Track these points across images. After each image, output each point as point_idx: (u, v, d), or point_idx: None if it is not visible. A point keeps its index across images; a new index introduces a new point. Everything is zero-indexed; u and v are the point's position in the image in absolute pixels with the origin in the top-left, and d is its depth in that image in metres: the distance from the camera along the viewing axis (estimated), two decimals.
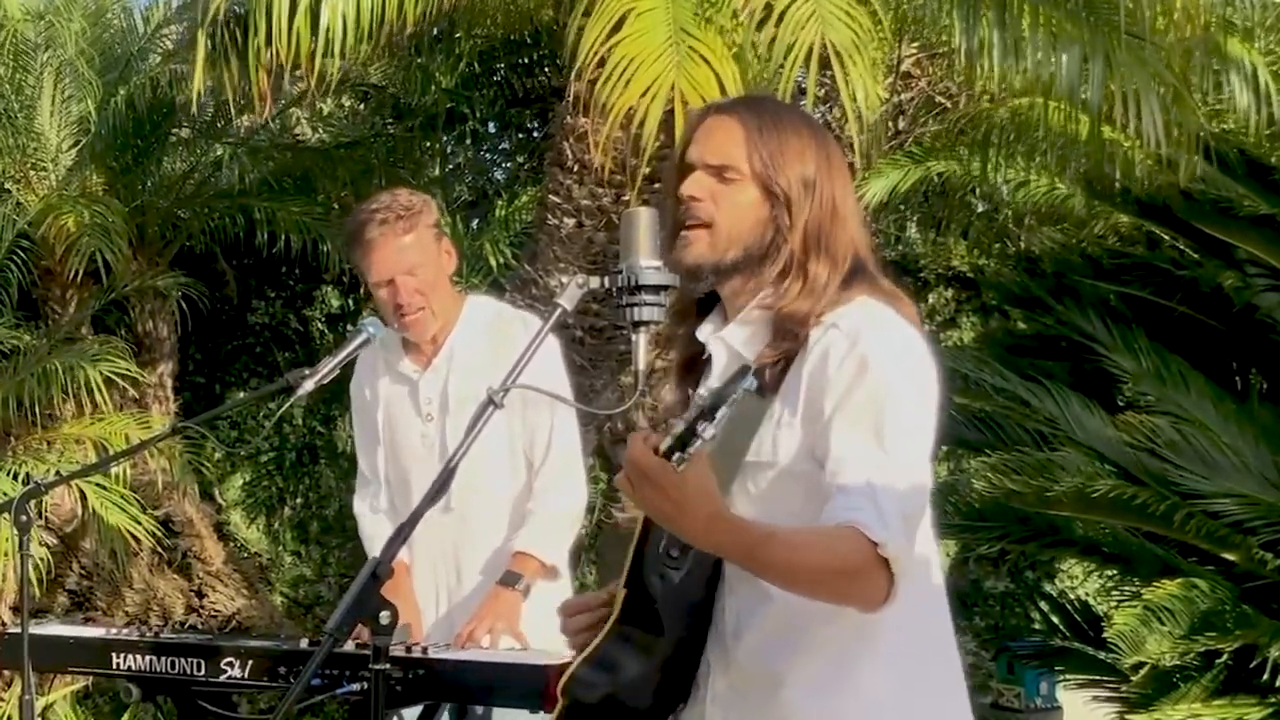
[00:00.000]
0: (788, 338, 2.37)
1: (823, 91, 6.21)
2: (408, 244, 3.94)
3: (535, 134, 10.31)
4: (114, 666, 3.67)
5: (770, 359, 2.37)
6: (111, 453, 7.46)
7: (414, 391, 4.10)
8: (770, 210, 2.41)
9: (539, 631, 3.72)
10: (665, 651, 2.40)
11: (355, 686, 3.27)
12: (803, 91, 5.43)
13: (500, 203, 9.95)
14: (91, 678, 6.75)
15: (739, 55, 5.46)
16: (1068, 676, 7.40)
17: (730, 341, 2.47)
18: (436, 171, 10.32)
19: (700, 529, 2.16)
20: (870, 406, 2.27)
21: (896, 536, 2.18)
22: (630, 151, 5.57)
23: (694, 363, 2.57)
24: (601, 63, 5.42)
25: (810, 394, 2.32)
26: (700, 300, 2.54)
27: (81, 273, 8.03)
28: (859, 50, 5.12)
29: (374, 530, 4.22)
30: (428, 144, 10.04)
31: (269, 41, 5.88)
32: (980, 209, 9.13)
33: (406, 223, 3.94)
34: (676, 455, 2.09)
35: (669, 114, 5.31)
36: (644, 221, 2.44)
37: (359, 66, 9.20)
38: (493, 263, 9.13)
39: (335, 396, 8.99)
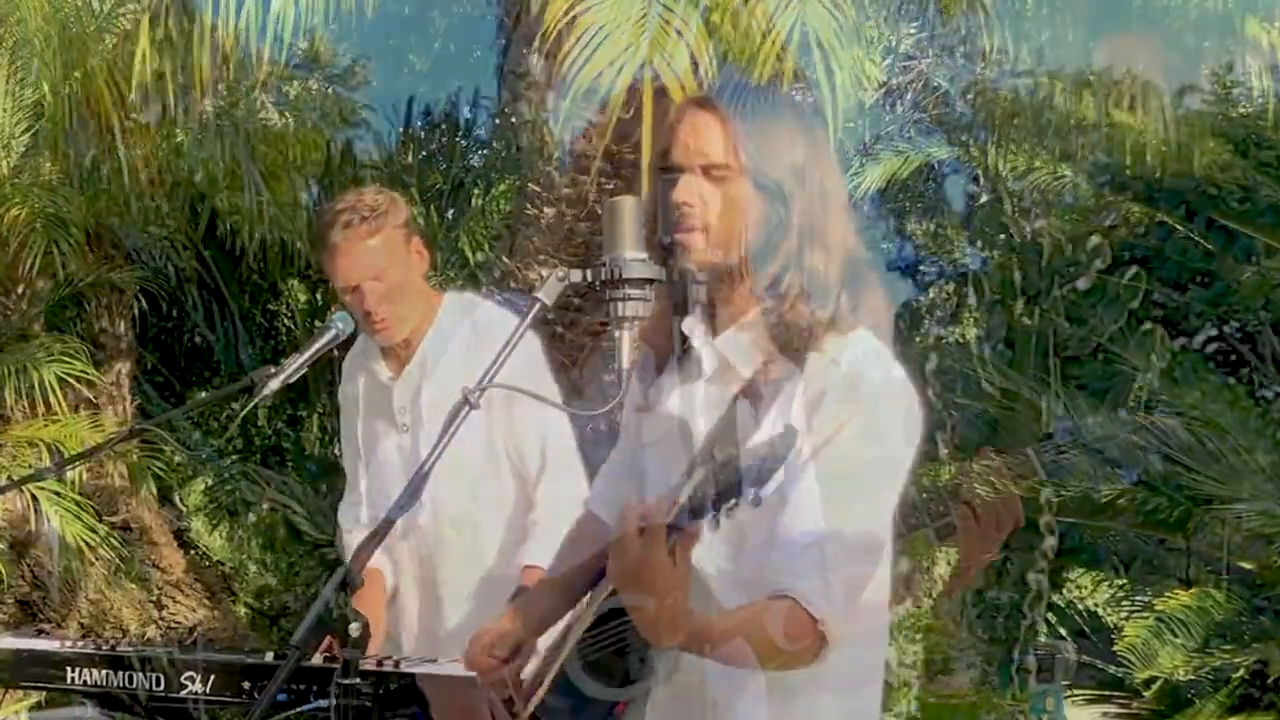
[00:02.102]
0: (788, 356, 2.38)
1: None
2: (373, 247, 3.91)
3: (514, 119, 10.28)
4: (69, 681, 3.67)
5: (766, 377, 2.38)
6: (65, 456, 7.43)
7: (388, 399, 4.09)
8: (763, 205, 2.41)
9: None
10: (624, 671, 2.44)
11: (324, 702, 3.27)
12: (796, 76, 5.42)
13: (477, 192, 9.93)
14: (44, 693, 6.72)
15: (721, 35, 5.41)
16: (1075, 691, 7.42)
17: (725, 352, 2.47)
18: (410, 159, 10.30)
19: (658, 623, 2.14)
20: (850, 462, 2.31)
21: (836, 608, 2.24)
22: (602, 138, 5.52)
23: (668, 356, 2.58)
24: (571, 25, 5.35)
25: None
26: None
27: (35, 266, 7.99)
28: (840, 41, 5.09)
29: (353, 542, 4.21)
30: (400, 129, 10.02)
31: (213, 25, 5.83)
32: (983, 198, 9.14)
33: (372, 224, 3.91)
34: (710, 514, 2.00)
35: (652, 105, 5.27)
36: (628, 211, 2.43)
37: (329, 47, 9.18)
38: (469, 254, 9.11)
39: (302, 396, 8.97)
